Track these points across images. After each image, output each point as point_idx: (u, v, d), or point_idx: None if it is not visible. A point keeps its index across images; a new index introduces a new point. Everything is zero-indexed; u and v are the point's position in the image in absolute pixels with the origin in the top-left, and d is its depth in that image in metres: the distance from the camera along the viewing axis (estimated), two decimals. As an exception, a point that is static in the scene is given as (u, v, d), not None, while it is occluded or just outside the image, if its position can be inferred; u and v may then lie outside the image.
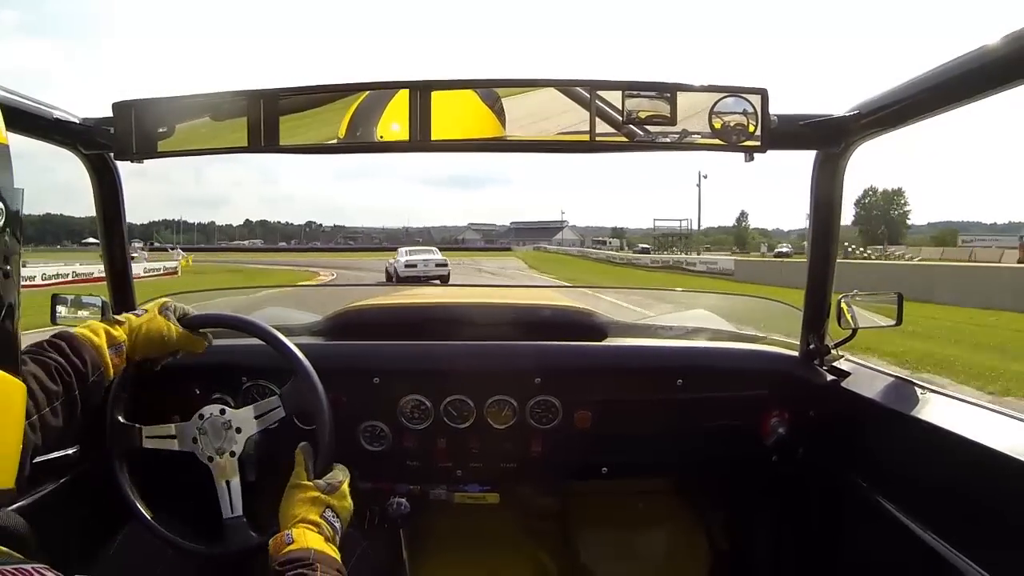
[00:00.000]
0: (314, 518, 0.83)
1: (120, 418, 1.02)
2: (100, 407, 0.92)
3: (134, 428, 1.01)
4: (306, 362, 1.00)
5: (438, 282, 16.19)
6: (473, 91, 1.01)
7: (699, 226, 54.00)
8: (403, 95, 1.00)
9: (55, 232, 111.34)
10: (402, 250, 21.86)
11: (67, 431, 0.78)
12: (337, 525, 0.85)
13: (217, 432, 0.98)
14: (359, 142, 1.02)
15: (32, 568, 0.45)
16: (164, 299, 1.00)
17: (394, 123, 1.00)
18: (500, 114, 1.01)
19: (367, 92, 1.01)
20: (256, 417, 0.99)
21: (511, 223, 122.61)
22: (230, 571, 1.08)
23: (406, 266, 18.99)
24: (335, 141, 1.02)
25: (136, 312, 0.97)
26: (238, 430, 0.98)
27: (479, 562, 1.58)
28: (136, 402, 1.07)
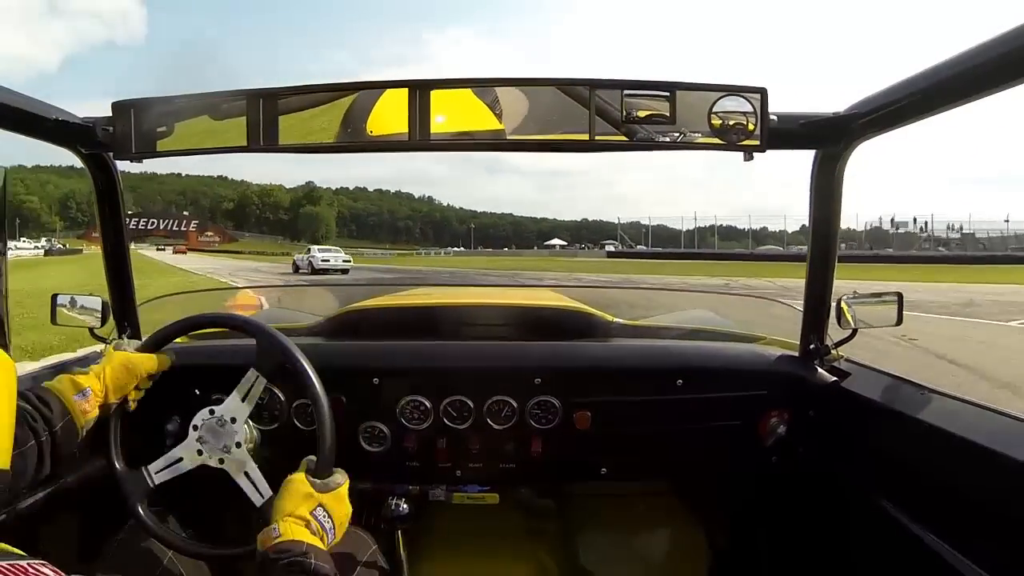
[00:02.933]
0: (303, 514, 0.81)
1: (121, 465, 1.00)
2: (76, 448, 0.90)
3: (140, 473, 1.00)
4: (260, 323, 1.02)
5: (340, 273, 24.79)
6: (472, 90, 1.01)
7: None
8: (403, 94, 1.00)
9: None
10: (315, 248, 29.59)
11: (38, 473, 0.79)
12: (328, 525, 0.82)
13: (215, 433, 0.99)
14: (359, 141, 1.02)
15: (28, 564, 0.44)
16: (110, 343, 1.00)
17: (394, 122, 1.00)
18: (499, 113, 1.01)
19: (367, 91, 1.01)
20: (243, 399, 1.00)
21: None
22: (228, 572, 1.08)
23: (321, 260, 26.46)
24: (335, 140, 1.03)
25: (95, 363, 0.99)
26: (233, 420, 0.99)
27: (478, 562, 1.58)
28: (138, 404, 1.07)
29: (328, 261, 26.27)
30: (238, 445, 0.98)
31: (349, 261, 27.49)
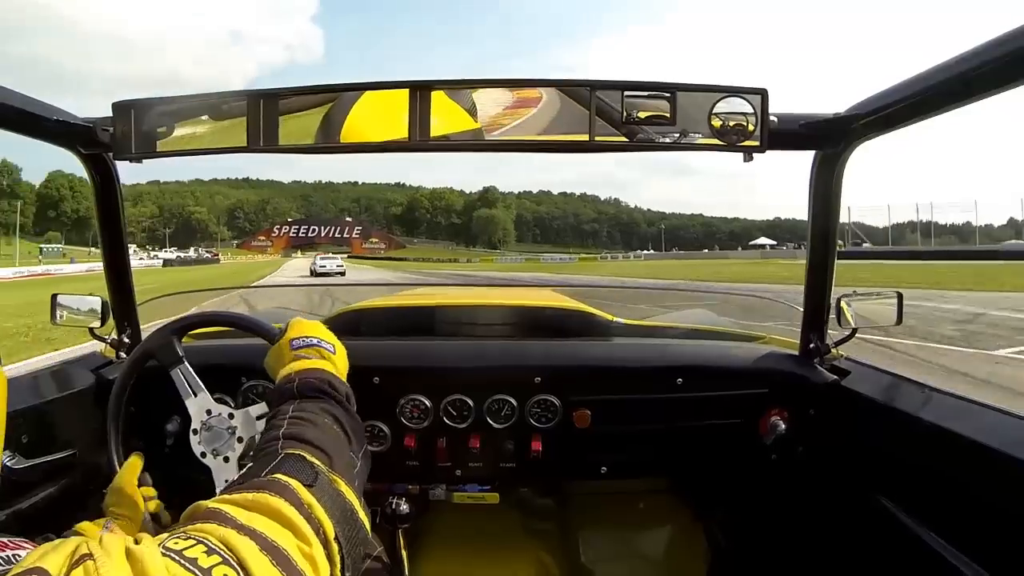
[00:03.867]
0: (285, 361, 0.83)
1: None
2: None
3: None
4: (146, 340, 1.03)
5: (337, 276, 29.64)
6: (473, 91, 1.01)
7: None
8: (403, 95, 1.00)
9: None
10: (316, 257, 38.94)
11: None
12: (312, 341, 0.85)
13: (214, 437, 0.98)
14: (359, 142, 1.02)
15: (9, 540, 0.43)
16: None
17: (393, 123, 1.00)
18: (500, 114, 1.01)
19: (367, 92, 1.01)
20: (195, 396, 1.00)
21: None
22: None
23: (320, 266, 34.28)
24: (335, 141, 1.02)
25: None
26: (208, 412, 0.99)
27: (478, 561, 1.58)
28: (138, 405, 1.07)
29: (325, 267, 34.03)
30: (226, 459, 0.97)
31: (343, 266, 36.40)
